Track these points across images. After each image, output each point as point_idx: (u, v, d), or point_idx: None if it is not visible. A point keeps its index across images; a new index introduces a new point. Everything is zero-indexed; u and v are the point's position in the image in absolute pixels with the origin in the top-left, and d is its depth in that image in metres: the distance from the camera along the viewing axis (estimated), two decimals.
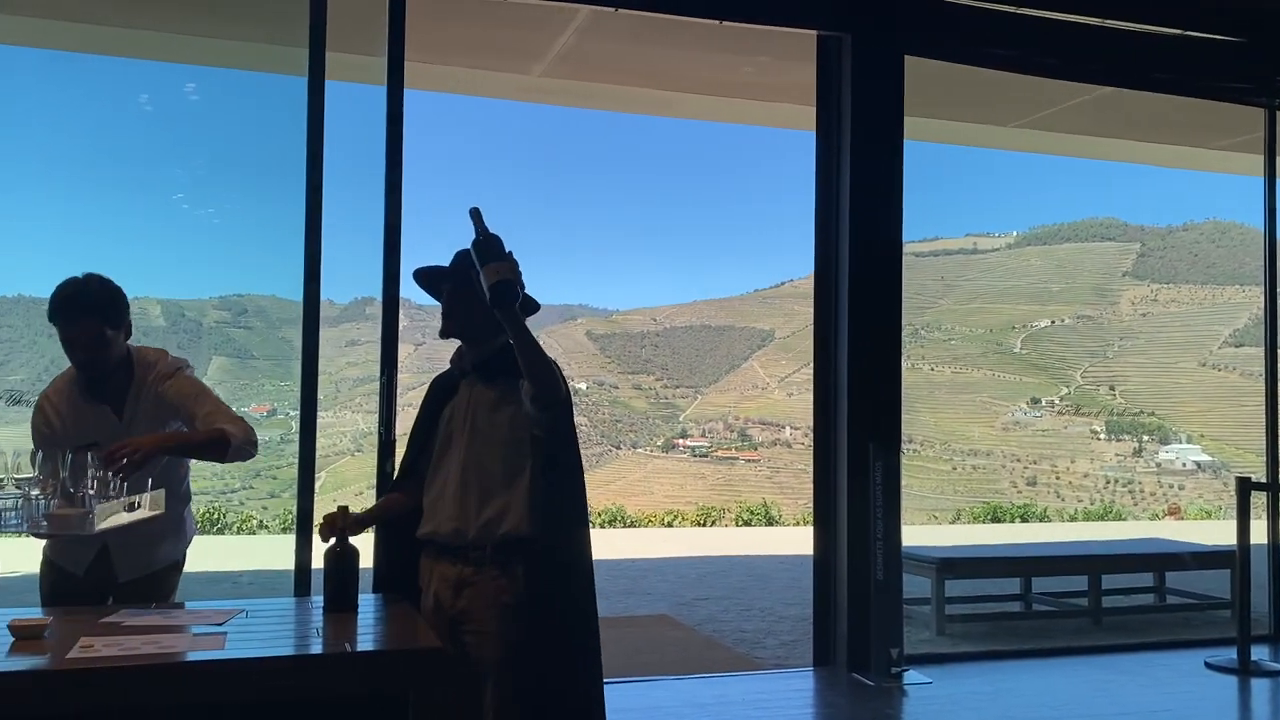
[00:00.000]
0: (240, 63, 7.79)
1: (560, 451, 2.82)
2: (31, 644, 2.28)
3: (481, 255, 2.62)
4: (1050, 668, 5.95)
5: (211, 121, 39.95)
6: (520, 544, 2.76)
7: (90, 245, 39.58)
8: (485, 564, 2.76)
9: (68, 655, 2.16)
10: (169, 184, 37.20)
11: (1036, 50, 6.17)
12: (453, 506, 2.80)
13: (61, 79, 38.43)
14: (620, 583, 9.75)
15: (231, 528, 17.49)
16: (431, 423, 2.95)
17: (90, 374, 3.14)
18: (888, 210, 5.85)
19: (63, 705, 2.06)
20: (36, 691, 2.06)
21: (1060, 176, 61.46)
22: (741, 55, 6.63)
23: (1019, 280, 47.88)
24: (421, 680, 2.27)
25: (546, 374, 2.67)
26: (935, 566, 7.15)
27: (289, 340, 35.85)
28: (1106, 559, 8.07)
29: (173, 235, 43.13)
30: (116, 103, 36.81)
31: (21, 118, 37.69)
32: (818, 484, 5.91)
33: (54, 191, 41.25)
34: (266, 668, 2.23)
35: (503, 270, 2.59)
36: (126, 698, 2.10)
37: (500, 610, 2.74)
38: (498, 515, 2.76)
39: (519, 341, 2.62)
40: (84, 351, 3.07)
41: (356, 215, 5.19)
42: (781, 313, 47.59)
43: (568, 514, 2.84)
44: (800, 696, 5.42)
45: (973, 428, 43.04)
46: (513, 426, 2.78)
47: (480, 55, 6.80)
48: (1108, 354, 44.77)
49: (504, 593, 2.74)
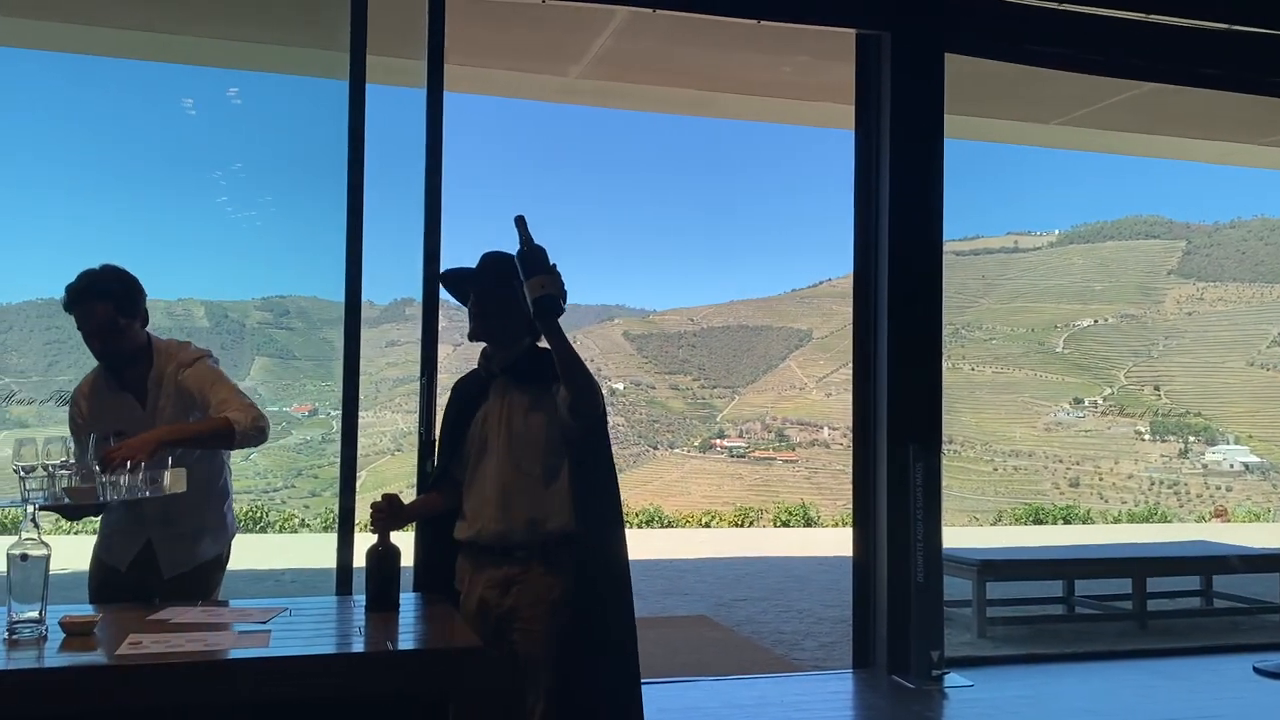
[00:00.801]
0: (282, 67, 7.88)
1: (596, 451, 2.85)
2: (81, 640, 2.32)
3: (526, 267, 2.64)
4: (1093, 672, 5.88)
5: (254, 125, 40.41)
6: (565, 541, 2.79)
7: (136, 248, 40.19)
8: (532, 562, 2.78)
9: (117, 652, 2.20)
10: (213, 187, 37.69)
11: (1080, 47, 6.09)
12: (495, 509, 2.82)
13: (108, 85, 39.08)
14: (658, 583, 9.75)
15: (274, 526, 17.69)
16: (462, 427, 2.96)
17: (108, 362, 3.21)
18: (928, 209, 5.81)
19: (112, 701, 2.10)
20: (87, 687, 2.10)
21: (1103, 174, 60.63)
22: (780, 54, 6.61)
23: (1061, 279, 47.31)
24: (462, 679, 2.28)
25: (588, 388, 2.72)
26: (976, 568, 7.08)
27: (330, 341, 36.19)
28: (1152, 561, 7.94)
29: (216, 238, 43.67)
30: (162, 108, 37.35)
31: (70, 124, 38.38)
32: (857, 485, 5.87)
33: (101, 196, 41.96)
34: (310, 666, 2.26)
35: (547, 284, 2.61)
36: (173, 694, 2.13)
37: (549, 607, 2.76)
38: (542, 515, 2.79)
39: (562, 355, 2.66)
40: (98, 339, 3.14)
41: (396, 217, 5.23)
42: (819, 312, 47.35)
43: (606, 512, 2.88)
44: (839, 698, 5.39)
45: (1014, 428, 42.59)
46: (549, 428, 2.81)
47: (518, 57, 6.83)
48: (1152, 353, 44.11)
49: (552, 590, 2.77)
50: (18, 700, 2.06)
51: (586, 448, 2.83)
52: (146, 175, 43.67)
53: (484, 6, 5.69)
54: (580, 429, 2.78)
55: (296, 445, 34.82)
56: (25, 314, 5.50)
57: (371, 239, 5.02)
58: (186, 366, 3.20)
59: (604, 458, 2.91)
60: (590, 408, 2.74)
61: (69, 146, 39.09)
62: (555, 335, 2.64)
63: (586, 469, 2.83)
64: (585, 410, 2.73)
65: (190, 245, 44.85)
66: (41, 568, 2.32)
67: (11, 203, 35.89)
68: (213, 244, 44.41)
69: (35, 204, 38.73)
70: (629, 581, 2.92)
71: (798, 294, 50.24)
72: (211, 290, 42.39)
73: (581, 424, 2.76)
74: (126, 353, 3.18)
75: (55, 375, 28.21)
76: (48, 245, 40.92)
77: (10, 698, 2.05)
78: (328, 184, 5.13)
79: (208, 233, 42.56)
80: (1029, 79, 6.44)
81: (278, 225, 41.25)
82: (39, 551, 2.32)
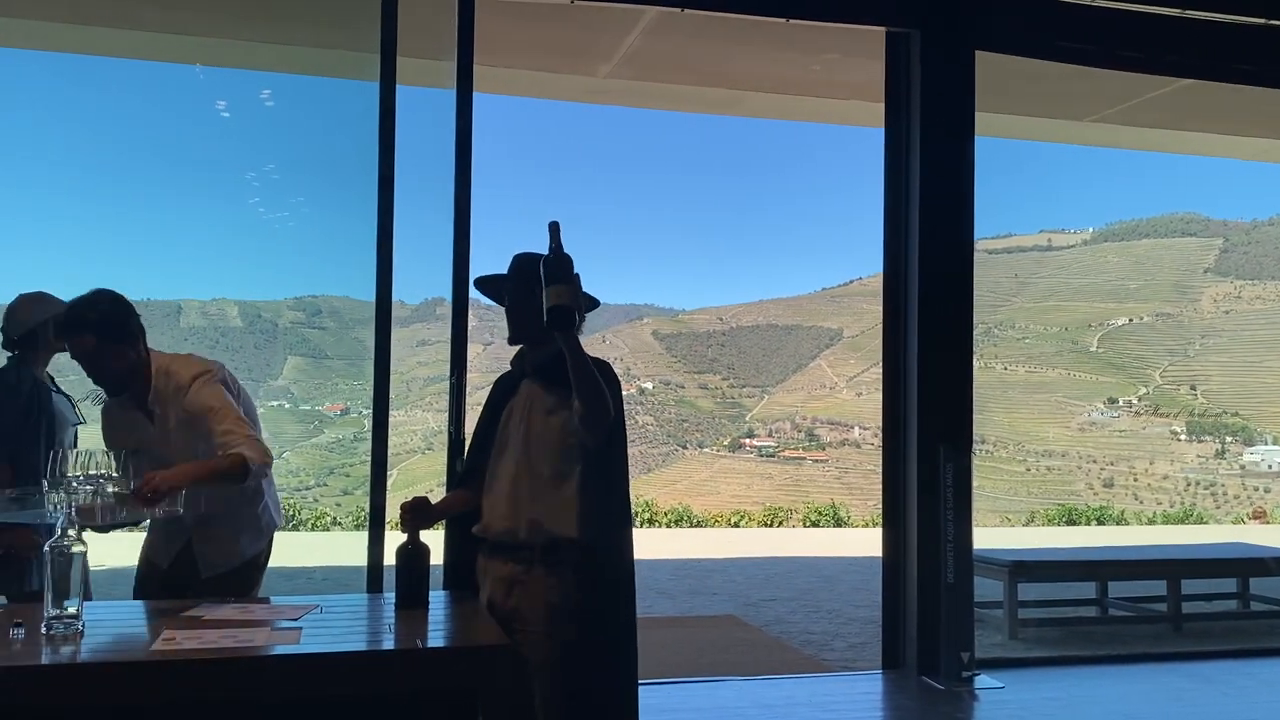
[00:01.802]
0: (314, 69, 7.95)
1: (607, 457, 2.87)
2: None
3: (549, 274, 2.65)
4: (1127, 674, 5.82)
5: (287, 127, 40.78)
6: (567, 545, 2.79)
7: (172, 251, 40.74)
8: (534, 564, 2.80)
9: (151, 647, 2.24)
10: (246, 188, 38.11)
11: (1113, 43, 6.03)
12: (505, 505, 2.84)
13: (143, 89, 39.57)
14: (686, 582, 9.76)
15: (306, 524, 17.84)
16: (493, 422, 2.99)
17: (99, 384, 3.27)
18: (959, 207, 5.77)
19: (147, 696, 2.13)
20: (123, 682, 2.13)
21: (1138, 171, 59.98)
22: (809, 53, 6.59)
23: (1095, 277, 46.86)
24: (490, 677, 2.30)
25: (597, 399, 2.72)
26: (1008, 569, 7.03)
27: (361, 340, 36.46)
28: (1187, 563, 7.84)
29: (249, 239, 44.12)
30: (197, 111, 37.78)
31: (105, 127, 38.88)
32: (887, 485, 5.84)
33: (137, 199, 42.48)
34: (340, 663, 2.28)
35: (564, 295, 2.62)
36: (206, 690, 2.16)
37: (548, 611, 2.77)
38: (546, 516, 2.80)
39: (574, 365, 2.67)
40: (84, 364, 3.21)
41: (426, 217, 5.27)
42: (850, 311, 47.16)
43: (612, 518, 2.89)
44: (868, 699, 5.37)
45: (1047, 428, 42.24)
46: (564, 431, 2.82)
47: (547, 57, 6.85)
48: (1188, 352, 43.59)
49: (551, 593, 2.78)
50: (56, 694, 2.09)
51: (602, 450, 2.84)
52: (182, 178, 44.17)
53: (513, 7, 5.72)
54: (591, 441, 2.80)
55: (328, 444, 35.15)
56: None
57: (402, 239, 5.06)
58: (185, 390, 3.21)
59: (617, 461, 2.92)
60: (597, 423, 2.75)
61: (105, 151, 39.63)
62: (568, 347, 2.65)
63: (598, 473, 2.85)
64: (594, 424, 2.76)
65: (224, 246, 45.32)
66: (79, 564, 2.36)
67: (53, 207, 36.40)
68: (246, 244, 44.89)
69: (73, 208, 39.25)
70: (633, 587, 2.93)
71: (828, 293, 50.09)
72: (245, 290, 42.86)
73: (591, 435, 2.78)
74: (122, 375, 3.24)
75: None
76: (87, 248, 41.49)
77: (48, 692, 2.09)
78: (359, 185, 5.18)
79: (241, 233, 43.02)
80: (1062, 76, 6.38)
81: (310, 226, 41.63)
82: (77, 548, 2.35)
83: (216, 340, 34.23)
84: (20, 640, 2.29)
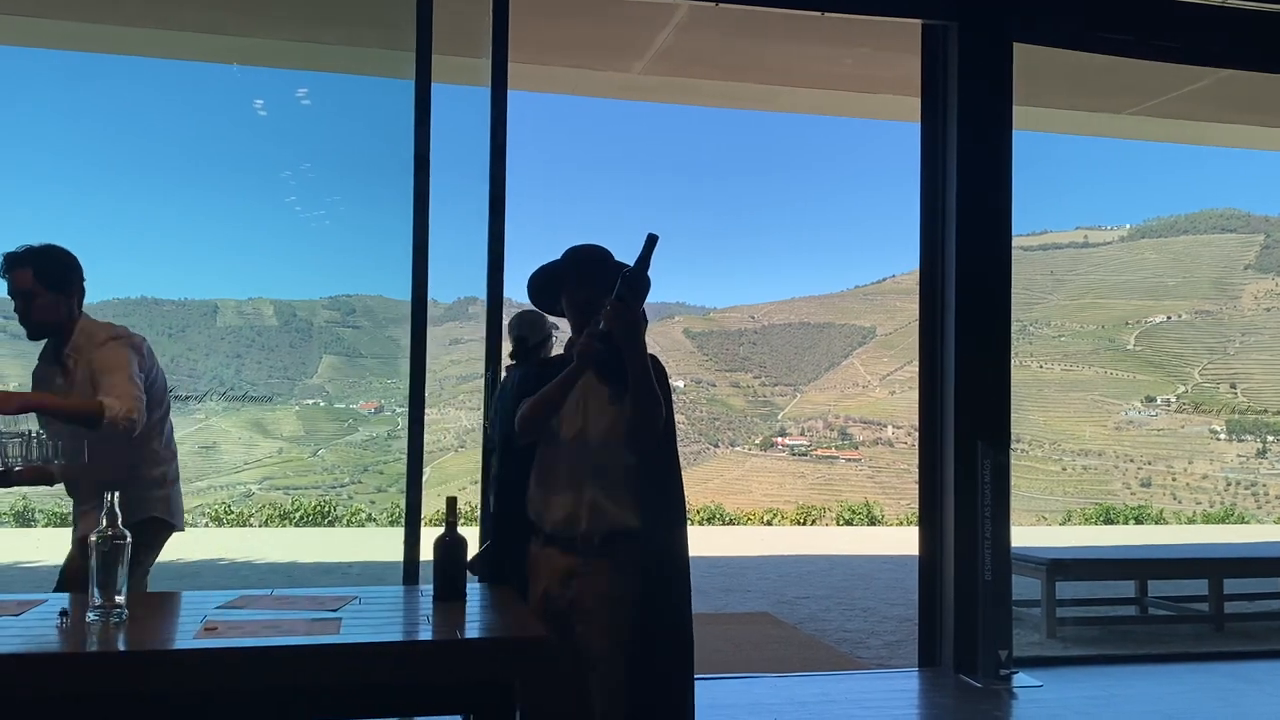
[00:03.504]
0: (350, 67, 8.00)
1: (664, 450, 2.88)
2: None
3: (624, 289, 2.69)
4: (1167, 674, 5.74)
5: (323, 125, 41.06)
6: (627, 536, 2.79)
7: (209, 250, 41.17)
8: (593, 555, 2.80)
9: (194, 636, 2.26)
10: (282, 187, 38.43)
11: (1153, 33, 5.94)
12: (563, 498, 2.84)
13: (180, 88, 39.99)
14: (719, 580, 9.74)
15: (341, 520, 18.00)
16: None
17: (29, 332, 3.37)
18: (995, 203, 5.71)
19: (188, 684, 2.16)
20: (165, 670, 2.15)
21: (1177, 165, 59.15)
22: (843, 47, 6.55)
23: (1133, 274, 46.27)
24: (527, 668, 2.30)
25: (652, 411, 2.77)
26: (1046, 568, 6.95)
27: (395, 339, 36.67)
28: (1229, 562, 7.72)
29: (285, 238, 44.46)
30: (233, 109, 38.15)
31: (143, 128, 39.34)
32: (923, 483, 5.80)
33: (173, 197, 42.96)
34: (379, 653, 2.29)
35: (617, 315, 2.68)
36: (247, 678, 2.18)
37: (607, 602, 2.77)
38: (606, 507, 2.80)
39: (635, 381, 2.74)
40: (16, 302, 3.31)
41: (460, 216, 5.29)
42: (883, 309, 46.87)
43: (670, 510, 2.90)
44: (904, 697, 5.33)
45: (1084, 427, 41.76)
46: (621, 423, 2.82)
47: (581, 54, 6.86)
48: (1228, 350, 42.94)
49: (611, 584, 2.78)
50: (99, 681, 2.12)
51: (658, 444, 2.85)
52: (219, 177, 44.61)
53: (547, 3, 5.73)
54: (639, 446, 2.83)
55: (363, 441, 35.37)
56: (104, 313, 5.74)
57: (435, 237, 5.08)
58: (99, 346, 3.30)
59: (670, 457, 2.92)
60: (649, 437, 2.81)
61: (143, 152, 40.10)
62: (634, 363, 2.73)
63: (655, 465, 2.85)
64: (645, 438, 2.81)
65: (260, 245, 45.70)
66: (120, 554, 2.39)
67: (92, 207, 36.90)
68: (282, 243, 45.20)
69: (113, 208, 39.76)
70: (689, 581, 2.93)
71: (861, 290, 49.78)
72: (280, 289, 43.18)
73: (638, 444, 2.82)
74: (48, 324, 3.35)
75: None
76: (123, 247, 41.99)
77: (92, 679, 2.12)
78: (394, 183, 5.21)
79: (278, 232, 43.33)
80: (1100, 68, 6.30)
81: (345, 224, 41.86)
82: (117, 539, 2.39)
83: (253, 339, 34.60)
84: (66, 629, 2.33)
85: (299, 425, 37.36)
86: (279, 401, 38.89)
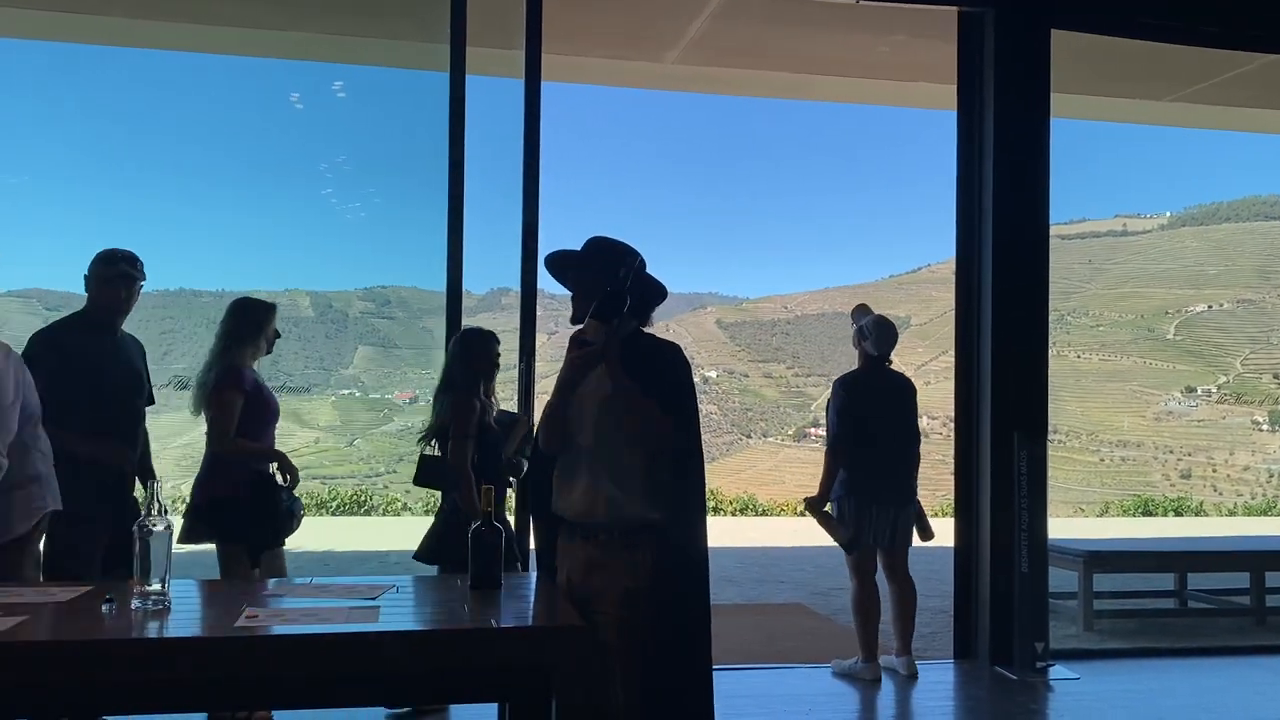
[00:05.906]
0: (385, 60, 8.06)
1: (685, 443, 2.88)
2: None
3: (603, 309, 2.78)
4: (1207, 667, 5.67)
5: (359, 118, 41.32)
6: (645, 528, 2.80)
7: (245, 241, 41.62)
8: (612, 546, 2.81)
9: (235, 624, 2.30)
10: (319, 180, 38.77)
11: (1195, 18, 5.85)
12: (583, 488, 2.85)
13: (217, 83, 40.41)
14: (752, 570, 9.73)
15: (378, 509, 18.17)
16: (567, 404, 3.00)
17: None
18: (1033, 191, 5.65)
19: (231, 670, 2.19)
20: (208, 656, 2.19)
21: (1219, 152, 58.13)
22: (877, 34, 6.50)
23: (1173, 263, 45.65)
24: (562, 656, 2.31)
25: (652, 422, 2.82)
26: (1083, 560, 6.88)
27: (430, 330, 36.93)
28: (1271, 555, 7.60)
29: (321, 230, 44.85)
30: (271, 104, 38.52)
31: (184, 123, 39.79)
32: (959, 474, 5.76)
33: (212, 191, 43.44)
34: (417, 640, 2.32)
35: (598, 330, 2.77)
36: (287, 665, 2.21)
37: (624, 594, 2.78)
38: (625, 498, 2.80)
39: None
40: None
41: (494, 207, 5.31)
42: (918, 299, 46.57)
43: (689, 502, 2.90)
44: (940, 688, 5.30)
45: (1122, 418, 41.29)
46: (633, 421, 2.82)
47: (614, 44, 6.85)
48: (1271, 340, 42.24)
49: (629, 576, 2.78)
50: (146, 667, 2.16)
51: (680, 435, 2.85)
52: (258, 171, 45.06)
53: None
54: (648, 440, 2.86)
55: (397, 431, 35.66)
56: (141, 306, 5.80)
57: (469, 229, 5.10)
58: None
59: (694, 447, 2.92)
60: (652, 437, 2.85)
61: (182, 145, 40.59)
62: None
63: (675, 458, 2.85)
64: (650, 437, 2.85)
65: (297, 238, 46.11)
66: (164, 543, 2.43)
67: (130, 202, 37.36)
68: (318, 236, 45.63)
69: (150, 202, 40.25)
70: (707, 574, 2.93)
71: (896, 279, 49.51)
72: (317, 281, 43.60)
73: (648, 442, 2.84)
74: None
75: (170, 364, 29.41)
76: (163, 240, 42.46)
77: (138, 664, 2.16)
78: (428, 175, 5.24)
79: (313, 225, 43.72)
80: (1140, 54, 6.21)
81: (380, 217, 42.16)
82: (160, 527, 2.43)
83: (289, 331, 34.93)
84: (111, 616, 2.37)
85: (335, 415, 37.74)
86: (315, 392, 39.30)
